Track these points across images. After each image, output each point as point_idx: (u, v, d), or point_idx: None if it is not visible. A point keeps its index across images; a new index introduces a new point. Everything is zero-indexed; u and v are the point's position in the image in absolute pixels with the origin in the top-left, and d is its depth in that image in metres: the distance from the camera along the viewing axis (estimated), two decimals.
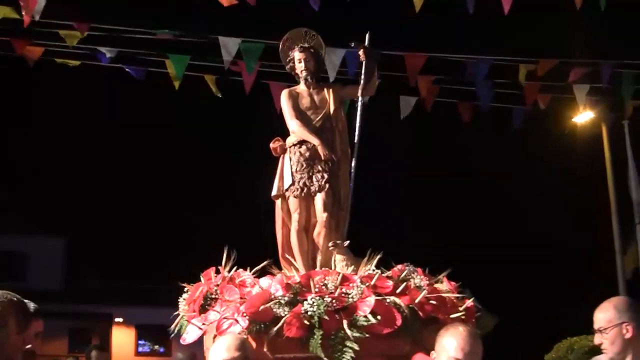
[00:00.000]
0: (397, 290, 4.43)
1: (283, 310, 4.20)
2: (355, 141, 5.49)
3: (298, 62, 5.52)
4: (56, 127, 28.35)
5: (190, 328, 4.51)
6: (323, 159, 5.26)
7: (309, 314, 4.15)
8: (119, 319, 26.99)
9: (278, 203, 5.42)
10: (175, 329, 4.76)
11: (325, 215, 5.18)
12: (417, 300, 4.38)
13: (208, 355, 4.54)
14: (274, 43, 6.23)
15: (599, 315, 3.51)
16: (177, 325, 4.76)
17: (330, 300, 4.22)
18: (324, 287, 4.35)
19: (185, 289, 4.86)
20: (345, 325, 4.10)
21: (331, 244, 5.01)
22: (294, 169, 5.31)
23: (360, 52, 5.59)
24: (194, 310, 4.60)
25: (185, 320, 4.67)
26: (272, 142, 5.48)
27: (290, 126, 5.40)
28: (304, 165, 5.29)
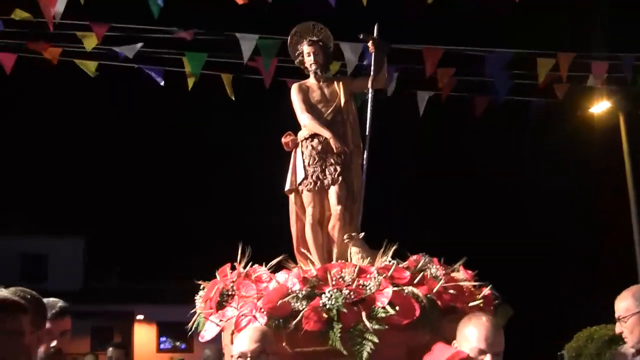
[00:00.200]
0: (415, 281, 4.42)
1: (301, 304, 4.19)
2: (367, 134, 5.47)
3: (307, 56, 5.51)
4: (74, 128, 28.53)
5: (208, 325, 4.51)
6: (335, 151, 5.24)
7: (327, 307, 4.14)
8: (140, 316, 27.17)
9: (291, 197, 5.41)
10: (192, 326, 4.77)
11: (340, 208, 5.17)
12: (435, 290, 4.36)
13: (226, 351, 4.57)
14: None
15: (619, 305, 3.48)
16: (195, 323, 4.78)
17: (348, 292, 4.20)
18: (341, 280, 4.34)
19: (202, 286, 4.87)
20: (364, 317, 4.09)
21: (346, 236, 5.00)
22: (306, 162, 5.30)
23: (370, 44, 5.57)
24: (210, 308, 4.61)
25: (202, 318, 4.69)
26: (284, 137, 5.48)
27: (302, 120, 5.39)
28: (317, 159, 5.28)
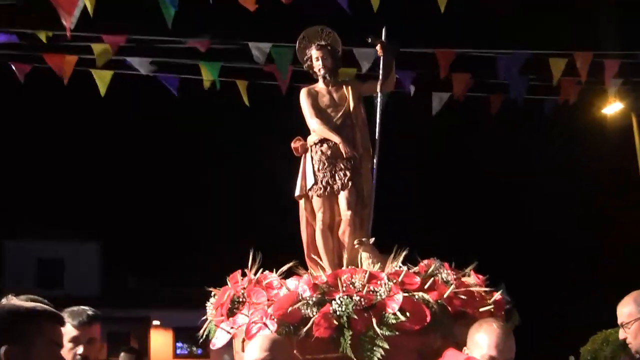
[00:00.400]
0: (425, 286, 4.40)
1: (311, 310, 4.17)
2: (377, 137, 5.45)
3: (315, 60, 5.50)
4: (88, 132, 28.68)
5: (219, 332, 4.52)
6: (345, 156, 5.23)
7: (338, 313, 4.13)
8: (156, 322, 27.20)
9: (301, 203, 5.40)
10: (203, 333, 4.78)
11: (350, 213, 5.16)
12: (446, 295, 4.34)
13: (237, 358, 4.56)
14: None
15: (621, 310, 3.47)
16: (206, 330, 4.78)
17: (358, 299, 4.19)
18: (351, 286, 4.33)
19: (213, 293, 4.87)
20: (375, 323, 4.07)
21: (356, 241, 4.98)
22: (316, 167, 5.29)
23: (378, 47, 5.56)
24: (222, 315, 4.61)
25: (213, 325, 4.69)
26: (293, 142, 5.47)
27: (311, 125, 5.38)
28: (326, 164, 5.27)
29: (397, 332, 4.07)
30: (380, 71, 5.57)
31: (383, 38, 5.60)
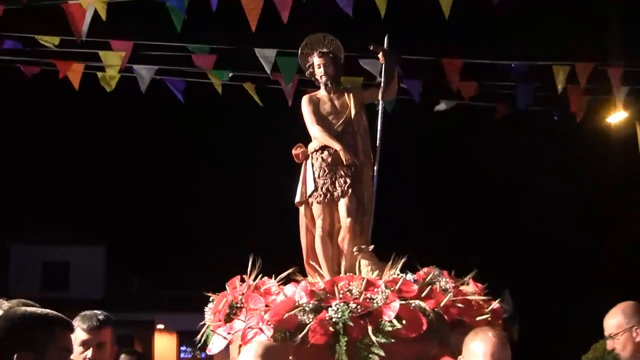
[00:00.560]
0: (422, 294, 4.40)
1: (308, 317, 4.18)
2: (377, 145, 5.46)
3: (317, 68, 5.51)
4: (93, 136, 28.76)
5: (216, 338, 4.52)
6: (345, 163, 5.24)
7: (334, 320, 4.13)
8: (160, 325, 27.24)
9: (302, 210, 5.42)
10: (201, 338, 4.78)
11: (349, 220, 5.17)
12: (443, 304, 4.34)
13: None
14: None
15: (609, 322, 3.49)
16: (204, 335, 4.78)
17: (355, 306, 4.19)
18: (348, 293, 4.33)
19: (211, 298, 4.88)
20: (371, 330, 4.07)
21: (356, 249, 4.99)
22: (316, 174, 5.30)
23: (380, 55, 5.57)
24: (219, 320, 4.61)
25: (211, 330, 4.69)
26: (294, 149, 5.49)
27: (312, 132, 5.39)
28: (327, 171, 5.28)
29: (393, 340, 4.07)
30: (382, 79, 5.58)
31: (385, 45, 5.61)
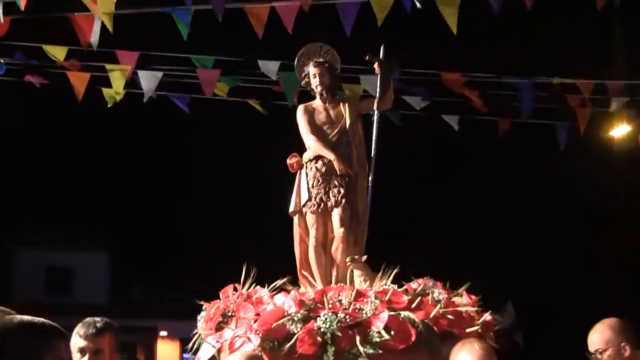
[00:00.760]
0: (412, 305, 4.39)
1: (296, 327, 4.19)
2: (372, 155, 5.46)
3: (313, 77, 5.51)
4: (98, 142, 28.82)
5: (205, 346, 4.53)
6: (339, 173, 5.24)
7: (322, 330, 4.14)
8: (163, 332, 27.24)
9: (295, 219, 5.41)
10: (193, 347, 4.79)
11: (342, 230, 5.16)
12: (432, 315, 4.33)
13: None
14: None
15: (595, 337, 3.46)
16: (196, 343, 4.79)
17: (343, 316, 4.20)
18: (337, 303, 4.33)
19: (204, 306, 4.89)
20: (358, 341, 4.07)
21: (349, 259, 4.98)
22: (310, 184, 5.30)
23: (375, 65, 5.56)
24: (210, 328, 4.62)
25: (202, 339, 4.70)
26: (289, 158, 5.48)
27: (306, 141, 5.39)
28: (320, 181, 5.28)
29: (381, 351, 4.07)
30: (378, 89, 5.58)
31: (381, 56, 5.60)
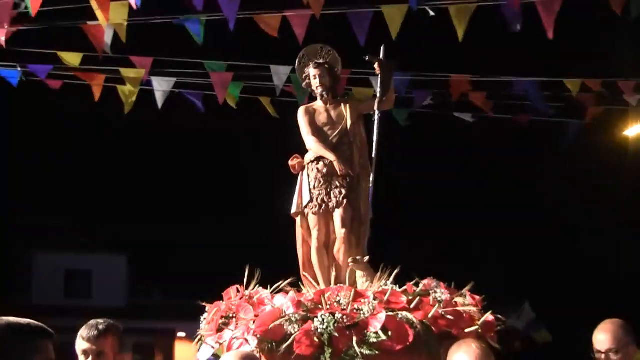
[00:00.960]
0: (411, 306, 4.38)
1: (293, 327, 4.19)
2: (373, 156, 5.46)
3: (313, 78, 5.51)
4: (115, 147, 29.05)
5: (204, 347, 4.55)
6: (339, 174, 5.24)
7: (319, 331, 4.14)
8: (181, 334, 27.33)
9: (298, 221, 5.42)
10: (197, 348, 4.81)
11: (344, 231, 5.17)
12: (430, 315, 4.31)
13: None
14: None
15: (606, 337, 3.43)
16: (199, 345, 4.81)
17: (341, 316, 4.19)
18: (336, 304, 4.33)
19: (206, 307, 4.91)
20: (355, 342, 4.07)
21: (350, 260, 4.99)
22: (311, 185, 5.31)
23: (376, 66, 5.56)
24: (212, 330, 4.64)
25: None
26: (291, 160, 5.50)
27: (307, 143, 5.40)
28: (322, 182, 5.28)
29: (378, 352, 4.06)
30: (378, 89, 5.58)
31: (381, 56, 5.60)
